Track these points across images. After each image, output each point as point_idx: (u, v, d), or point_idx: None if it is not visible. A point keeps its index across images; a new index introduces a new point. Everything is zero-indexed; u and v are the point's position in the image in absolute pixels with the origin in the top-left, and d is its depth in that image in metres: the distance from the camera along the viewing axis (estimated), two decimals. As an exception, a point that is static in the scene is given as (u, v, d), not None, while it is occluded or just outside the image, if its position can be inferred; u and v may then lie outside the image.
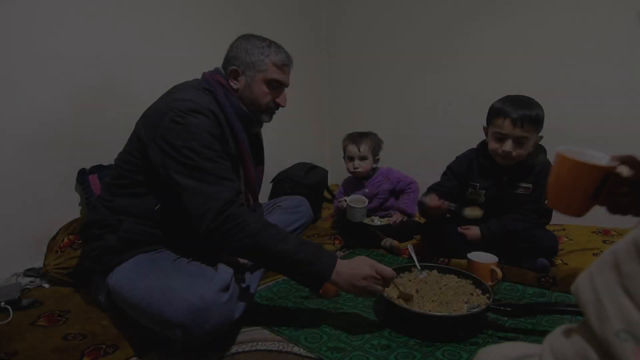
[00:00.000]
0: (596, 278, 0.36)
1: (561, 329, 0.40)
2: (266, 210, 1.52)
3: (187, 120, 1.01)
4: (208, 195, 0.97)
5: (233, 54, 1.20)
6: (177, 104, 1.04)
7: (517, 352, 0.43)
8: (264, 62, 1.18)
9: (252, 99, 1.21)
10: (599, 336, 0.34)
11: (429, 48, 2.36)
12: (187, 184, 0.99)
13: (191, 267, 1.00)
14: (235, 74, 1.19)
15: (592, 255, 1.46)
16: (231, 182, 1.03)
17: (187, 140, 1.00)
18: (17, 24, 1.45)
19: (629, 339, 0.32)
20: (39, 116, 1.51)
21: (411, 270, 1.29)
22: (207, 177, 0.99)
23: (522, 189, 1.44)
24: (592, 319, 0.35)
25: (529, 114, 1.32)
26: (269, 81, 1.20)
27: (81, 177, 1.60)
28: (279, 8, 2.51)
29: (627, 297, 0.33)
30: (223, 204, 0.96)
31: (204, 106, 1.06)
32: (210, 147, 1.02)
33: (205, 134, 1.02)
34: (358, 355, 0.94)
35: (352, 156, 1.80)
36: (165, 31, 1.90)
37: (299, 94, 2.73)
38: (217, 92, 1.16)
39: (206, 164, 1.00)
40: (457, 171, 1.54)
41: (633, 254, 0.34)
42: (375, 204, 1.82)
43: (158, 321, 0.92)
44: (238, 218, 0.96)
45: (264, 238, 0.96)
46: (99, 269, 1.11)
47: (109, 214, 1.11)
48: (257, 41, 1.20)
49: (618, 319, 0.33)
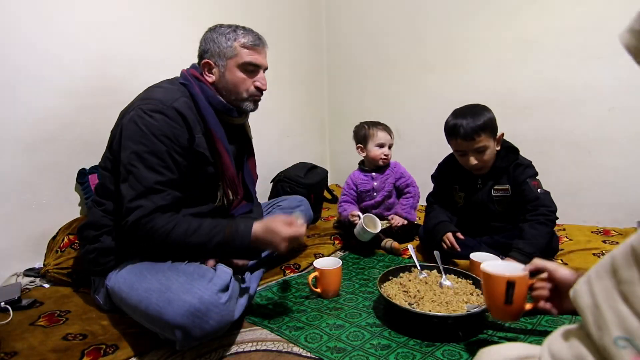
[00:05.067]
0: (594, 284, 0.36)
1: (560, 331, 0.40)
2: (266, 210, 1.51)
3: (144, 122, 1.02)
4: (129, 207, 1.00)
5: (203, 48, 1.19)
6: (141, 104, 1.05)
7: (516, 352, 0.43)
8: (232, 47, 1.15)
9: (230, 88, 1.18)
10: (597, 342, 0.34)
11: (429, 49, 2.36)
12: (121, 188, 1.02)
13: (190, 267, 1.00)
14: (208, 66, 1.17)
15: (592, 255, 1.46)
16: (159, 194, 1.01)
17: (136, 143, 1.01)
18: (17, 24, 1.45)
19: (627, 347, 0.32)
20: (39, 116, 1.51)
21: (411, 270, 1.29)
22: (137, 186, 1.00)
23: (501, 191, 1.45)
24: (590, 325, 0.35)
25: (476, 126, 1.33)
26: (242, 65, 1.16)
27: (81, 177, 1.60)
28: (280, 8, 2.51)
29: (625, 304, 0.33)
30: (139, 217, 0.98)
31: (167, 104, 1.05)
32: (157, 154, 1.02)
33: (158, 139, 1.02)
34: (358, 355, 0.94)
35: (383, 143, 1.79)
36: (165, 31, 1.90)
37: (299, 94, 2.75)
38: (191, 85, 1.15)
39: (144, 172, 1.00)
40: (440, 178, 1.61)
41: (630, 261, 0.34)
42: (379, 198, 1.82)
43: (157, 323, 0.91)
44: (147, 226, 0.98)
45: (177, 238, 0.99)
46: (97, 270, 1.10)
47: (103, 215, 1.11)
48: (222, 28, 1.18)
49: (616, 327, 0.33)
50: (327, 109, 2.96)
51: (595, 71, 1.82)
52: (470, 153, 1.38)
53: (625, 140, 1.80)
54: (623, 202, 1.83)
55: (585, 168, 1.89)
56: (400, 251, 1.65)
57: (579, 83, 1.87)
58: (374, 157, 1.80)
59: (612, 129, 1.82)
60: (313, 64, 2.82)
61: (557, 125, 1.95)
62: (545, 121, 1.97)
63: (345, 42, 2.76)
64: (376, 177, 1.83)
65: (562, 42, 1.89)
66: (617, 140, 1.82)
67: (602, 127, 1.84)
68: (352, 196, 1.85)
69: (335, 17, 2.79)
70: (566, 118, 1.92)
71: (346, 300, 1.24)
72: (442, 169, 1.61)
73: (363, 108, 2.68)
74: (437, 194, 1.62)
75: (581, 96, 1.88)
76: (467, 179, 1.50)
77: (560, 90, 1.93)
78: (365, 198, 1.85)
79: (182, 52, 1.95)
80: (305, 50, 2.73)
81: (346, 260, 1.61)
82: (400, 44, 2.47)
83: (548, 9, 1.91)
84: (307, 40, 2.75)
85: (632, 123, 1.77)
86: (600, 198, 1.88)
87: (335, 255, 1.69)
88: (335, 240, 1.78)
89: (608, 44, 1.77)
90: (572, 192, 1.93)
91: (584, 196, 1.90)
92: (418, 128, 2.44)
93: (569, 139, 1.93)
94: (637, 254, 0.34)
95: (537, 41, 1.96)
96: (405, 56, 2.46)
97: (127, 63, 1.75)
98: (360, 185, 1.84)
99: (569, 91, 1.91)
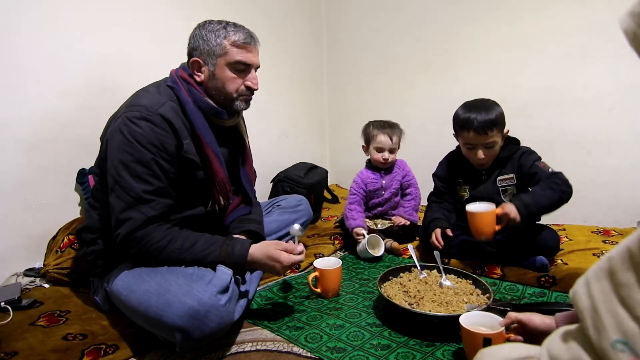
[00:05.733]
0: (593, 285, 0.36)
1: (559, 332, 0.40)
2: (265, 209, 1.51)
3: (130, 130, 1.00)
4: (118, 219, 0.99)
5: (192, 45, 1.15)
6: (127, 111, 1.03)
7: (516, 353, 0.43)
8: (222, 45, 1.10)
9: (219, 88, 1.13)
10: (596, 345, 0.34)
11: (428, 49, 2.36)
12: (110, 199, 1.02)
13: (189, 269, 0.99)
14: (197, 65, 1.13)
15: (592, 255, 1.46)
16: (148, 205, 1.00)
17: (122, 152, 1.00)
18: (17, 24, 1.45)
19: (624, 350, 0.32)
20: (38, 116, 1.51)
21: (411, 270, 1.29)
22: (124, 197, 0.99)
23: (506, 181, 1.46)
24: (589, 327, 0.35)
25: (489, 119, 1.33)
26: (232, 64, 1.12)
27: (81, 177, 1.60)
28: (280, 9, 2.51)
29: (623, 307, 0.33)
30: (129, 230, 0.98)
31: (152, 110, 1.03)
32: (144, 163, 1.00)
33: (144, 147, 1.00)
34: (358, 355, 0.94)
35: (383, 147, 1.76)
36: (165, 31, 1.90)
37: (299, 95, 2.75)
38: (179, 89, 1.11)
39: (130, 182, 0.99)
40: (441, 175, 1.60)
41: (627, 264, 0.34)
42: (387, 195, 1.82)
43: (157, 325, 0.91)
44: (141, 242, 0.98)
45: (171, 254, 1.00)
46: (96, 272, 1.10)
47: (99, 218, 1.11)
48: (211, 25, 1.13)
49: (614, 330, 0.33)
50: (327, 108, 2.96)
51: (595, 71, 1.82)
52: (479, 147, 1.38)
53: (625, 140, 1.80)
54: (623, 202, 1.83)
55: (585, 168, 1.89)
56: (400, 251, 1.65)
57: (579, 83, 1.87)
58: (373, 160, 1.80)
59: (612, 129, 1.82)
60: (313, 63, 2.82)
61: (557, 125, 1.95)
62: (545, 121, 1.97)
63: (345, 41, 2.76)
64: (384, 175, 1.83)
65: (562, 42, 1.89)
66: (617, 140, 1.82)
67: (602, 127, 1.84)
68: (361, 195, 1.83)
69: (335, 16, 2.79)
70: (566, 118, 1.92)
71: (346, 300, 1.25)
72: (445, 165, 1.61)
73: (363, 108, 2.67)
74: (438, 192, 1.62)
75: (581, 96, 1.88)
76: (471, 172, 1.50)
77: (560, 90, 1.93)
78: (373, 196, 1.85)
79: (181, 52, 1.95)
80: (305, 50, 2.73)
81: (346, 260, 1.61)
82: (400, 43, 2.47)
83: (548, 9, 1.91)
84: (307, 40, 2.75)
85: (632, 123, 1.77)
86: (600, 198, 1.88)
87: (335, 255, 1.69)
88: (335, 240, 1.78)
89: (608, 44, 1.77)
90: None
91: (584, 196, 1.90)
92: (418, 128, 2.43)
93: (569, 139, 1.92)
94: (634, 256, 0.34)
95: (537, 41, 1.96)
96: (405, 56, 2.46)
97: (127, 63, 1.75)
98: (370, 185, 1.83)
99: (569, 91, 1.91)
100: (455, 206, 1.58)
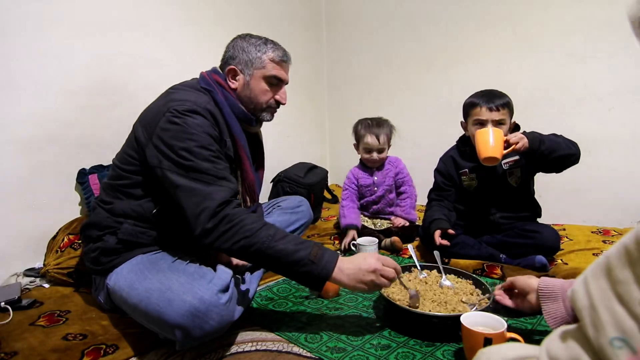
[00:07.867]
0: (590, 284, 0.36)
1: (558, 331, 0.40)
2: (266, 210, 1.51)
3: (184, 121, 1.01)
4: (203, 196, 0.96)
5: (230, 54, 1.20)
6: (175, 104, 1.03)
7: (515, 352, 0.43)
8: (261, 59, 1.18)
9: (251, 97, 1.20)
10: (594, 343, 0.34)
11: (428, 49, 2.36)
12: (183, 184, 0.98)
13: (190, 268, 1.00)
14: (233, 73, 1.19)
15: (592, 255, 1.46)
16: (228, 182, 1.01)
17: (183, 141, 1.00)
18: (17, 24, 1.45)
19: (623, 347, 0.32)
20: (39, 116, 1.51)
21: (411, 270, 1.29)
22: (203, 177, 0.98)
23: (511, 162, 1.48)
24: (587, 325, 0.35)
25: (501, 100, 1.42)
26: (268, 78, 1.20)
27: (81, 177, 1.60)
28: (279, 9, 2.51)
29: (621, 304, 0.33)
30: (218, 204, 0.95)
31: (201, 106, 1.05)
32: (207, 147, 1.02)
33: (202, 134, 1.02)
34: (358, 355, 0.94)
35: (370, 148, 1.77)
36: (165, 31, 1.90)
37: (299, 95, 2.75)
38: (215, 92, 1.15)
39: (202, 164, 0.99)
40: (444, 170, 1.61)
41: (624, 261, 0.34)
42: (380, 192, 1.82)
43: (157, 322, 0.91)
44: (235, 219, 0.95)
45: (262, 239, 0.94)
46: (98, 269, 1.10)
47: (108, 216, 1.11)
48: (253, 39, 1.20)
49: (612, 327, 0.33)
50: (327, 108, 2.96)
51: (595, 71, 1.82)
52: (488, 124, 1.41)
53: (625, 140, 1.80)
54: (623, 202, 1.83)
55: (585, 168, 1.89)
56: (401, 247, 1.65)
57: (579, 83, 1.87)
58: (363, 159, 1.81)
59: (612, 129, 1.82)
60: (313, 63, 2.82)
61: (557, 125, 1.94)
62: (545, 121, 1.97)
63: (345, 41, 2.76)
64: (376, 172, 1.83)
65: (562, 42, 1.89)
66: (617, 140, 1.82)
67: (602, 127, 1.84)
68: (354, 191, 1.83)
69: (335, 16, 2.79)
70: (566, 118, 1.92)
71: (346, 300, 1.25)
72: (447, 159, 1.61)
73: (363, 108, 2.68)
74: (439, 189, 1.61)
75: (581, 96, 1.88)
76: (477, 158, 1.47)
77: (560, 90, 1.93)
78: (366, 194, 1.85)
79: (181, 52, 1.96)
80: (305, 50, 2.73)
81: (346, 260, 1.61)
82: (400, 43, 2.47)
83: (548, 9, 1.91)
84: (307, 40, 2.75)
85: (632, 123, 1.77)
86: (600, 198, 1.88)
87: (335, 255, 1.68)
88: (335, 240, 1.78)
89: (608, 44, 1.77)
90: (572, 192, 1.93)
91: (584, 196, 1.90)
92: (418, 128, 2.44)
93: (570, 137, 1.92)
94: (631, 254, 0.34)
95: (537, 41, 1.96)
96: (405, 56, 2.46)
97: (127, 63, 1.75)
98: (362, 180, 1.83)
99: (569, 91, 1.91)
100: (455, 205, 1.58)
